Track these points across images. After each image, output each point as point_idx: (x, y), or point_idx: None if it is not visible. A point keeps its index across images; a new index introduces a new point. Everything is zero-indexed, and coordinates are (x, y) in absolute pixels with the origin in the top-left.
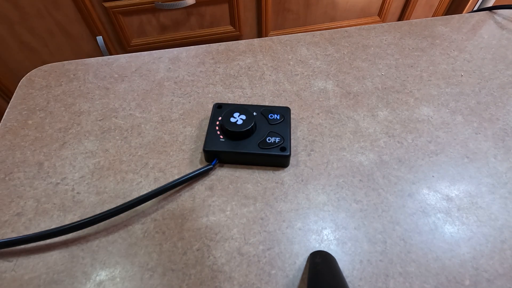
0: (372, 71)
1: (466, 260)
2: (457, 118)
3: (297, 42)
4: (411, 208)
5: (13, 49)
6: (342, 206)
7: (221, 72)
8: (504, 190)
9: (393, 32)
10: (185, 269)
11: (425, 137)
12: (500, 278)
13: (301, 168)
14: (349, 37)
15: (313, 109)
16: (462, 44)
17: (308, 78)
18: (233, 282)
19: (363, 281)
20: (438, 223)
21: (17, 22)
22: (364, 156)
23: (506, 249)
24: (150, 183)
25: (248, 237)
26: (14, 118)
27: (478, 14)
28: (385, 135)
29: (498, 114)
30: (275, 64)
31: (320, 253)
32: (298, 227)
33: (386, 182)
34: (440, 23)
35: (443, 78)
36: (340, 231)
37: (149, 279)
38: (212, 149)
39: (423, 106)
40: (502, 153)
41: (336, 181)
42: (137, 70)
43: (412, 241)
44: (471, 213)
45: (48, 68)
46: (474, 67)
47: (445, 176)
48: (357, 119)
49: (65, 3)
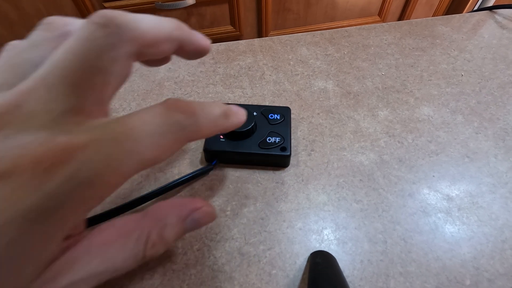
0: (372, 71)
1: (467, 260)
2: (458, 118)
3: (297, 42)
4: (411, 208)
5: None
6: (343, 206)
7: (221, 72)
8: (505, 189)
9: (393, 32)
10: (186, 269)
11: (426, 136)
12: (501, 278)
13: (302, 168)
14: (349, 37)
15: (314, 109)
16: (462, 43)
17: (308, 78)
18: (234, 282)
19: (364, 281)
20: (438, 223)
21: (17, 22)
22: (364, 156)
23: (507, 249)
24: (150, 183)
25: (248, 237)
26: None
27: (478, 14)
28: (385, 135)
29: (499, 113)
30: (275, 64)
31: (321, 253)
32: (298, 227)
33: (386, 182)
34: (440, 23)
35: (443, 77)
36: (340, 231)
37: (149, 279)
38: (212, 149)
39: (424, 106)
40: (502, 152)
41: (337, 181)
42: (137, 70)
43: (412, 241)
44: (472, 212)
45: None
46: (475, 66)
47: (446, 175)
48: (357, 119)
49: (65, 3)
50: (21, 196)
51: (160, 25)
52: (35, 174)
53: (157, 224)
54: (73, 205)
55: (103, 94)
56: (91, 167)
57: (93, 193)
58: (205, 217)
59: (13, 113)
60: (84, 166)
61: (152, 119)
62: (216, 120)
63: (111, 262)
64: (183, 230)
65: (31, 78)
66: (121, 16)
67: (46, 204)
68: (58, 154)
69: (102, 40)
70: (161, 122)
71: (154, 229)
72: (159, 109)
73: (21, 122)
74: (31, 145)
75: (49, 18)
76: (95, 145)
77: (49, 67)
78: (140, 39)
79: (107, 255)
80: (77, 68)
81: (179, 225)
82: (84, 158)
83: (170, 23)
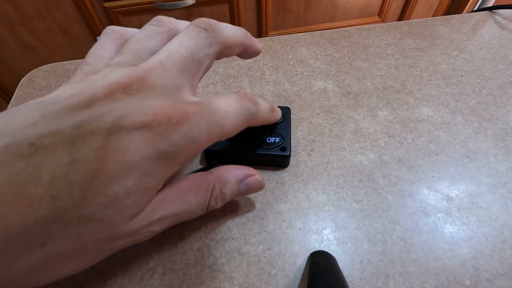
0: (372, 71)
1: (466, 260)
2: (457, 118)
3: (297, 42)
4: (411, 208)
5: (13, 49)
6: (342, 206)
7: (221, 72)
8: (504, 190)
9: (393, 32)
10: (185, 269)
11: (425, 137)
12: (500, 278)
13: (301, 168)
14: (349, 37)
15: (313, 109)
16: (462, 44)
17: (308, 78)
18: (233, 282)
19: (363, 281)
20: (438, 223)
21: (17, 22)
22: (364, 156)
23: (507, 249)
24: None
25: (248, 237)
26: None
27: (478, 14)
28: (385, 135)
29: (498, 114)
30: (275, 64)
31: (321, 253)
32: (298, 227)
33: (386, 182)
34: (440, 23)
35: (443, 78)
36: (340, 231)
37: (149, 279)
38: (212, 148)
39: (423, 106)
40: (502, 153)
41: (336, 181)
42: None
43: (412, 241)
44: (471, 213)
45: (48, 68)
46: (474, 67)
47: (445, 176)
48: (357, 119)
49: (65, 3)
50: (156, 142)
51: (237, 32)
52: (167, 127)
53: (220, 180)
54: (183, 154)
55: (196, 80)
56: (198, 129)
57: (194, 148)
58: (256, 184)
59: (141, 83)
60: (194, 127)
61: (232, 103)
62: (268, 112)
63: (186, 205)
64: (237, 192)
65: (151, 60)
66: (216, 24)
67: (170, 149)
68: (180, 115)
69: (204, 40)
70: (238, 106)
71: (217, 184)
72: (235, 96)
73: (148, 91)
74: (162, 106)
75: (159, 16)
76: (200, 114)
77: (166, 54)
78: (225, 43)
79: (185, 200)
80: (185, 57)
81: (235, 185)
82: (194, 121)
83: (242, 32)
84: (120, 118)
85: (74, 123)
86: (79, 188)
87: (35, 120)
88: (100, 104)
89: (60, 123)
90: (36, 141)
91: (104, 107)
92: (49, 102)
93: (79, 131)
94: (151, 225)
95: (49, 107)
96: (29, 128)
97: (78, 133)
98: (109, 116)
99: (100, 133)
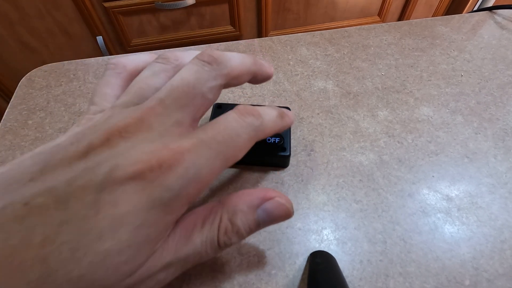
0: (372, 71)
1: (466, 260)
2: (457, 118)
3: (297, 42)
4: (411, 208)
5: (13, 49)
6: (342, 206)
7: None
8: (504, 190)
9: (393, 32)
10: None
11: (425, 137)
12: (500, 278)
13: (301, 168)
14: (349, 37)
15: (313, 109)
16: (462, 44)
17: (308, 78)
18: (233, 282)
19: (363, 281)
20: (438, 223)
21: (17, 22)
22: (364, 156)
23: (506, 249)
24: None
25: (248, 237)
26: (14, 118)
27: (478, 14)
28: (385, 135)
29: (498, 114)
30: (275, 64)
31: (320, 253)
32: (298, 227)
33: (386, 182)
34: (440, 23)
35: (443, 78)
36: (340, 231)
37: None
38: None
39: (423, 106)
40: (502, 153)
41: (336, 181)
42: None
43: (412, 241)
44: (471, 213)
45: (48, 68)
46: (474, 67)
47: (445, 176)
48: (357, 119)
49: (65, 3)
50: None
51: (244, 62)
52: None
53: (228, 210)
54: (183, 197)
55: (199, 113)
56: (195, 167)
57: (196, 187)
58: (278, 209)
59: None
60: (190, 166)
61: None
62: (275, 120)
63: (192, 246)
64: (255, 221)
65: (152, 98)
66: (221, 56)
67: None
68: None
69: (207, 73)
70: (238, 126)
71: (225, 214)
72: (233, 115)
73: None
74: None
75: (164, 53)
76: (196, 151)
77: (167, 91)
78: (231, 74)
79: (189, 239)
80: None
81: (250, 213)
82: (190, 160)
83: (249, 59)
84: (112, 169)
85: (69, 178)
86: (68, 248)
87: (33, 176)
88: (95, 153)
89: (55, 179)
90: (30, 200)
91: (99, 156)
92: (49, 152)
93: (72, 187)
94: (155, 275)
95: (48, 160)
96: (26, 185)
97: (71, 189)
98: (102, 167)
99: (92, 188)
